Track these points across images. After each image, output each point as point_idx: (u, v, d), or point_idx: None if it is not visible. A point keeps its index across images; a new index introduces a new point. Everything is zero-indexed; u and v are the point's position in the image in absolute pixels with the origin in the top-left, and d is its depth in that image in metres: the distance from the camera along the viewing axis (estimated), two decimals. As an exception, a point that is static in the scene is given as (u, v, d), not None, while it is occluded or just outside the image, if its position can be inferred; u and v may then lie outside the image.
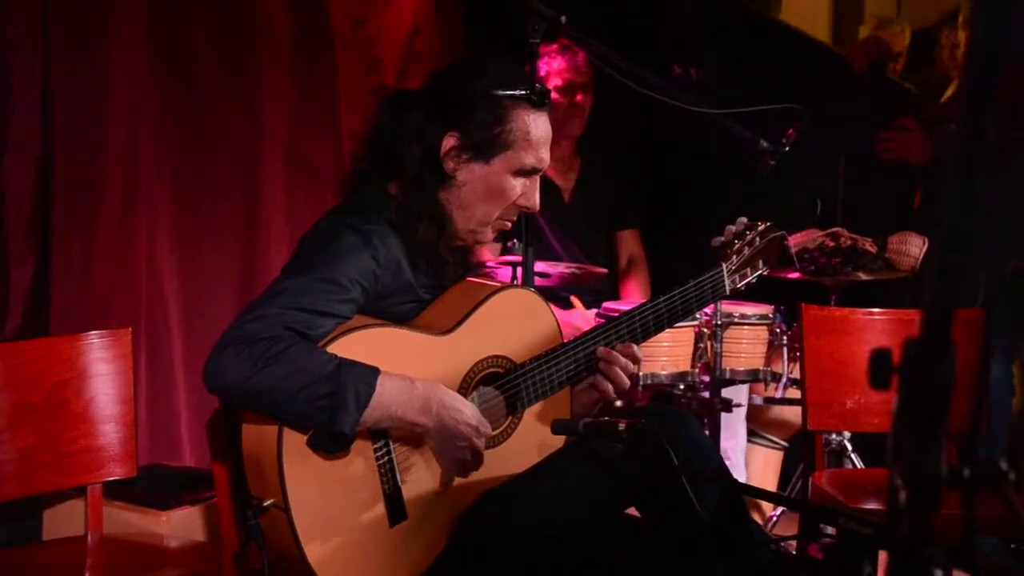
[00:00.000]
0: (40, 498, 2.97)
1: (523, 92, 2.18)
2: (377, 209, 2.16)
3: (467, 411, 2.07)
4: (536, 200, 2.25)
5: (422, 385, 2.03)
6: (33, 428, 2.43)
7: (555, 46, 3.97)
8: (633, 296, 4.10)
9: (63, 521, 2.96)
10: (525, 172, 2.21)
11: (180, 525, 3.00)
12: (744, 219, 2.49)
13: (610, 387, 2.25)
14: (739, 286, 2.48)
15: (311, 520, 1.96)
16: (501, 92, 2.17)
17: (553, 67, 3.98)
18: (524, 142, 2.18)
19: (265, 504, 1.95)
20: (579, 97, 4.02)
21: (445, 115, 2.17)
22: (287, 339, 1.91)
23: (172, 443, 3.60)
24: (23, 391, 2.43)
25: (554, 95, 3.86)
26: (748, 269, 2.48)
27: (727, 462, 3.69)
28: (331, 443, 1.96)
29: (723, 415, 3.45)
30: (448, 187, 2.18)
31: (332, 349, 1.96)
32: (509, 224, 2.29)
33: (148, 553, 2.58)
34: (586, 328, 2.34)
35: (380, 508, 2.05)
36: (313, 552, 1.95)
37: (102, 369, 2.54)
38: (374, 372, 1.96)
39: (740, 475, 3.84)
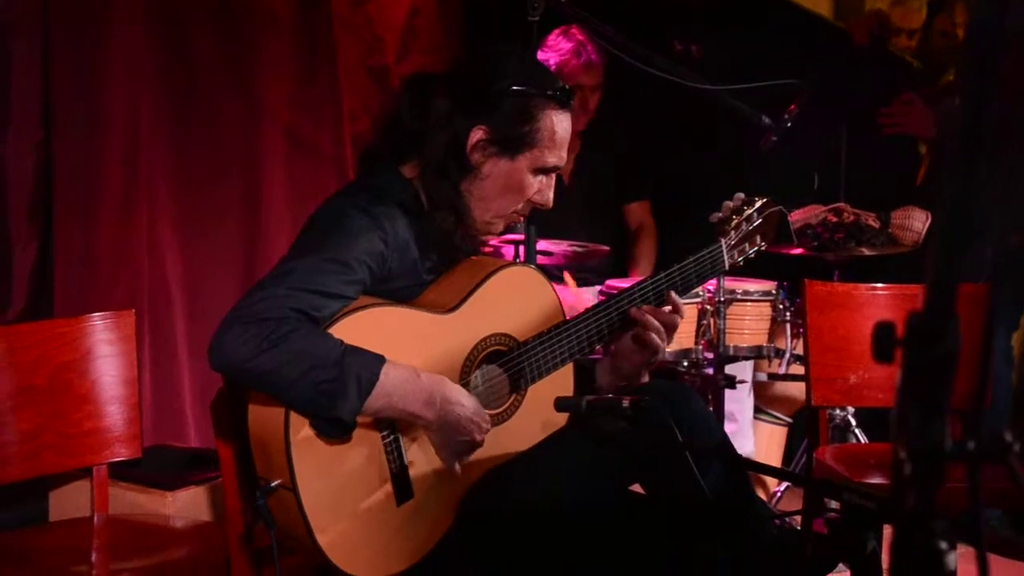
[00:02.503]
0: (46, 479, 2.98)
1: (551, 92, 2.18)
2: (389, 191, 2.16)
3: (470, 406, 2.07)
4: (550, 197, 2.25)
5: (427, 377, 2.03)
6: (37, 410, 2.44)
7: (570, 45, 3.91)
8: (640, 263, 4.10)
9: (69, 502, 2.97)
10: (545, 170, 2.21)
11: (185, 505, 3.01)
12: (741, 194, 2.48)
13: (657, 340, 2.24)
14: (738, 261, 2.47)
15: (319, 500, 1.96)
16: (530, 89, 2.16)
17: (565, 71, 3.86)
18: (549, 141, 2.18)
19: (273, 484, 1.96)
20: (587, 100, 3.96)
21: (473, 107, 2.15)
22: (293, 321, 1.91)
23: (177, 424, 3.61)
24: (27, 373, 2.43)
25: None
26: (747, 244, 2.48)
27: (734, 426, 3.70)
28: (330, 428, 1.96)
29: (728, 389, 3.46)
30: (470, 179, 2.17)
31: (336, 330, 1.96)
32: (522, 218, 2.29)
33: (154, 533, 2.59)
34: (575, 306, 2.33)
35: (387, 487, 2.05)
36: (321, 532, 1.96)
37: (106, 351, 2.54)
38: (379, 360, 1.96)
39: (748, 448, 3.85)
